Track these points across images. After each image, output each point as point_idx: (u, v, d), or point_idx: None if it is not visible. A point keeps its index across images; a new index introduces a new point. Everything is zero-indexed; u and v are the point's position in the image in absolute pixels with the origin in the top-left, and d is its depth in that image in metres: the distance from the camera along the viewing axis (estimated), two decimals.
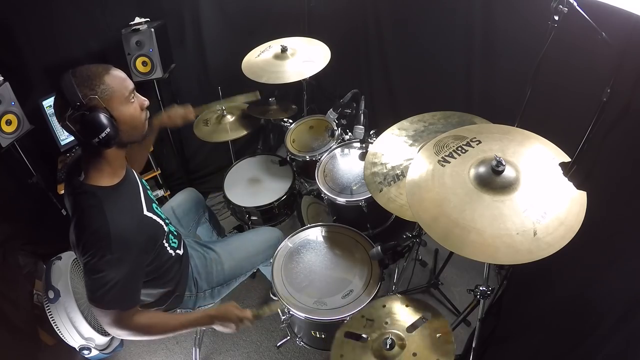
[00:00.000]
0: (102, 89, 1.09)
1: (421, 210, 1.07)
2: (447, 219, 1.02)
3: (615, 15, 1.23)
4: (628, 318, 1.03)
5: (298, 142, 2.19)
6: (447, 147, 1.18)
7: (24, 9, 1.97)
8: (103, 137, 1.08)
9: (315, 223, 1.80)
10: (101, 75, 1.11)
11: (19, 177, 2.06)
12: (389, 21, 2.47)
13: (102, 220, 1.09)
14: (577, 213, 0.96)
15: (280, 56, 2.11)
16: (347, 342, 1.26)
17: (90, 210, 1.11)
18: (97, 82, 1.09)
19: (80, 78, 1.08)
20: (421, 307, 1.32)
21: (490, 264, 1.29)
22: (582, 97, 1.50)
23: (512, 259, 0.93)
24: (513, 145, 1.13)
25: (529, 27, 1.65)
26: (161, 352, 2.11)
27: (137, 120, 1.19)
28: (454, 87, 2.31)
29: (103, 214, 1.10)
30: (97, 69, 1.11)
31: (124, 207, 1.18)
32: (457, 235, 0.99)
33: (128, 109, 1.16)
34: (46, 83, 2.12)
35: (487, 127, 1.27)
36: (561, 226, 0.94)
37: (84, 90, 1.07)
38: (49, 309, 1.78)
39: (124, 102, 1.14)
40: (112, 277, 1.10)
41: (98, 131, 1.07)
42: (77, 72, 1.09)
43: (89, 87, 1.08)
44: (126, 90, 1.15)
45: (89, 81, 1.08)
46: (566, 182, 1.01)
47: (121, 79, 1.15)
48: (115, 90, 1.12)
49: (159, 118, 1.64)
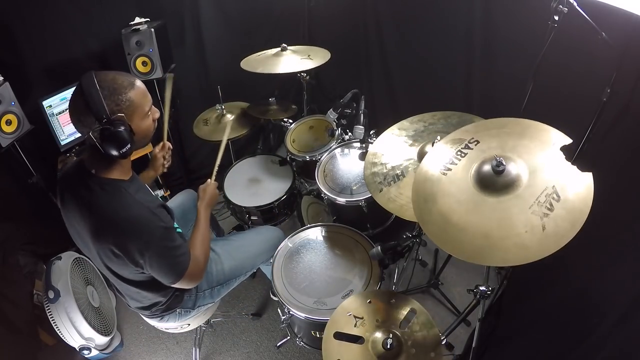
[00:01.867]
0: (127, 105, 1.11)
1: (430, 223, 1.07)
2: (454, 229, 1.01)
3: (615, 15, 1.23)
4: (628, 318, 1.03)
5: (298, 142, 2.19)
6: (447, 153, 1.17)
7: (24, 9, 1.96)
8: (123, 152, 1.11)
9: (315, 223, 1.81)
10: (127, 89, 1.11)
11: (19, 177, 2.06)
12: (389, 21, 2.47)
13: (138, 204, 1.16)
14: (584, 198, 0.94)
15: (279, 54, 2.13)
16: (341, 345, 1.26)
17: (123, 202, 1.16)
18: (123, 98, 1.10)
19: (106, 90, 1.08)
20: (407, 300, 1.34)
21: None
22: (582, 97, 1.50)
23: (525, 258, 0.92)
24: (512, 139, 1.11)
25: (529, 27, 1.65)
26: (161, 352, 2.11)
27: (150, 132, 1.23)
28: (454, 87, 2.31)
29: (134, 200, 1.17)
30: (122, 82, 1.11)
31: (145, 193, 1.26)
32: (468, 242, 0.98)
33: (145, 123, 1.19)
34: (46, 83, 2.12)
35: (483, 125, 1.25)
36: (569, 215, 0.92)
37: (110, 105, 1.08)
38: (49, 309, 1.78)
39: (144, 116, 1.17)
40: (179, 243, 1.24)
41: (120, 146, 1.10)
42: (103, 82, 1.08)
43: (115, 102, 1.09)
44: (147, 105, 1.18)
45: (115, 95, 1.09)
46: (570, 166, 1.00)
47: (143, 94, 1.17)
48: (138, 106, 1.14)
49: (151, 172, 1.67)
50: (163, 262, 1.22)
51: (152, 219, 1.17)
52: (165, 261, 1.23)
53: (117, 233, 1.15)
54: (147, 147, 2.34)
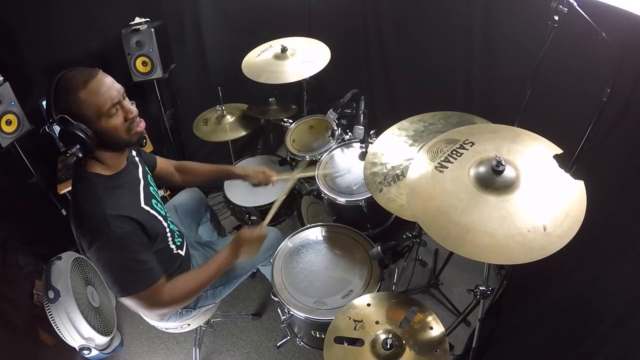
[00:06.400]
0: (76, 105, 1.11)
1: (428, 220, 1.05)
2: (457, 226, 1.00)
3: (615, 15, 1.23)
4: (628, 318, 1.03)
5: (298, 142, 2.19)
6: (441, 152, 1.16)
7: (24, 9, 1.96)
8: (77, 149, 1.12)
9: (315, 223, 1.80)
10: (79, 89, 1.10)
11: (19, 177, 2.06)
12: (389, 21, 2.48)
13: (95, 203, 1.13)
14: (579, 202, 0.95)
15: (280, 56, 2.11)
16: (341, 349, 1.25)
17: (86, 195, 1.16)
18: (72, 98, 1.11)
19: (60, 89, 1.11)
20: (407, 299, 1.33)
21: (490, 264, 1.29)
22: (582, 97, 1.50)
23: (529, 257, 0.92)
24: (506, 143, 1.12)
25: (529, 27, 1.65)
26: (161, 352, 2.11)
27: (119, 131, 1.18)
28: (454, 87, 2.31)
29: (96, 197, 1.14)
30: (76, 81, 1.11)
31: (120, 194, 1.21)
32: (470, 241, 0.97)
33: (107, 122, 1.15)
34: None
35: (477, 128, 1.26)
36: (567, 218, 0.93)
37: (60, 105, 1.11)
38: (49, 309, 1.78)
39: (104, 115, 1.13)
40: (129, 261, 1.16)
41: (70, 144, 1.11)
42: (61, 81, 1.12)
43: (65, 102, 1.11)
44: (104, 105, 1.13)
45: (65, 95, 1.11)
46: (563, 173, 1.01)
47: (98, 94, 1.12)
48: (90, 105, 1.12)
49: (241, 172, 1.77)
50: (103, 270, 1.17)
51: (102, 223, 1.11)
52: (106, 270, 1.16)
53: (75, 224, 1.16)
54: (147, 147, 2.35)
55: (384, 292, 1.43)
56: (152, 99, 2.39)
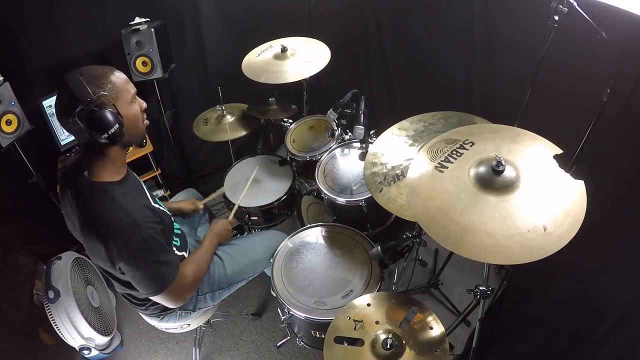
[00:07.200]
0: (110, 87, 1.14)
1: (428, 220, 1.05)
2: (457, 226, 1.00)
3: (615, 15, 1.23)
4: (628, 318, 1.03)
5: (298, 142, 2.19)
6: (441, 152, 1.16)
7: (24, 9, 1.96)
8: (112, 134, 1.12)
9: (315, 223, 1.80)
10: (107, 74, 1.15)
11: (19, 177, 2.06)
12: (389, 21, 2.47)
13: (121, 210, 1.15)
14: (579, 202, 0.95)
15: (280, 56, 2.11)
16: (341, 349, 1.25)
17: (107, 205, 1.16)
18: (104, 81, 1.13)
19: (88, 77, 1.11)
20: (407, 299, 1.33)
21: (490, 264, 1.29)
22: (582, 97, 1.50)
23: (529, 257, 0.92)
24: (506, 143, 1.12)
25: (529, 27, 1.65)
26: (161, 352, 2.11)
27: (139, 120, 1.25)
28: (454, 87, 2.31)
29: (119, 205, 1.16)
30: (102, 69, 1.16)
31: (134, 197, 1.23)
32: (470, 241, 0.97)
33: (131, 109, 1.21)
34: (46, 83, 2.12)
35: (477, 128, 1.26)
36: (567, 218, 0.94)
37: (93, 88, 1.10)
38: (49, 309, 1.78)
39: (129, 102, 1.19)
40: (163, 256, 1.23)
41: (107, 127, 1.11)
42: (84, 72, 1.12)
43: (98, 85, 1.12)
44: (129, 92, 1.20)
45: (97, 79, 1.12)
46: (563, 173, 1.01)
47: (125, 80, 1.20)
48: (121, 89, 1.16)
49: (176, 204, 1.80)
50: (140, 273, 1.20)
51: (132, 227, 1.15)
52: (141, 272, 1.20)
53: (98, 233, 1.16)
54: (147, 147, 2.35)
55: (384, 292, 1.43)
56: (152, 99, 2.39)
